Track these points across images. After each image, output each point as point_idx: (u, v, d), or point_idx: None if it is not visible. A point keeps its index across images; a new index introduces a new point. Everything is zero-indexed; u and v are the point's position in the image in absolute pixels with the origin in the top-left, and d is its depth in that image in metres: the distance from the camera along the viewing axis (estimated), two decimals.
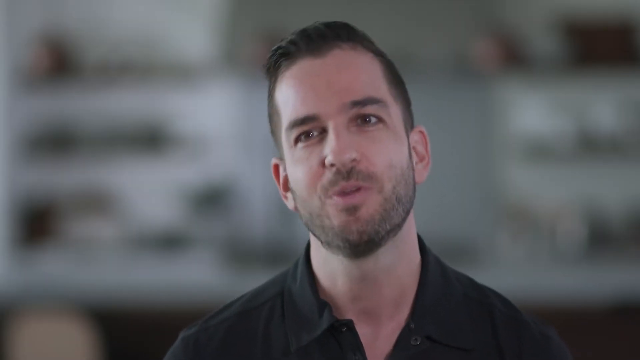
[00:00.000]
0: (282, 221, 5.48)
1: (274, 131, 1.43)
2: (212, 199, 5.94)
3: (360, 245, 1.36)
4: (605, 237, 5.59)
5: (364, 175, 1.35)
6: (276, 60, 1.40)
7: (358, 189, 1.35)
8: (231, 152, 5.95)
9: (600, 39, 5.68)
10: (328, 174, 1.36)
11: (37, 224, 5.99)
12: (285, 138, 1.39)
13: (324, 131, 1.37)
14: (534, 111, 5.79)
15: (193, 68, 5.89)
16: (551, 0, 5.81)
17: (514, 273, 4.95)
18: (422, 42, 5.59)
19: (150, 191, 6.02)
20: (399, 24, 5.60)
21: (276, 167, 1.45)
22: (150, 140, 5.93)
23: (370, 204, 1.35)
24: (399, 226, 1.38)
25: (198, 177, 5.96)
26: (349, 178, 1.35)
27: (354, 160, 1.35)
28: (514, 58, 5.66)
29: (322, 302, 1.42)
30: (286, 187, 1.43)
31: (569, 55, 5.67)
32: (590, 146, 5.67)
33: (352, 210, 1.35)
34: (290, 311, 1.44)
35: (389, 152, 1.37)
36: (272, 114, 1.42)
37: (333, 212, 1.36)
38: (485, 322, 1.45)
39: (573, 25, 5.72)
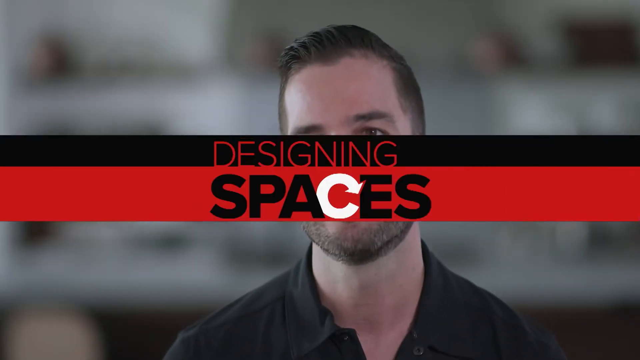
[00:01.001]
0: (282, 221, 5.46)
1: (282, 130, 1.42)
2: None
3: (355, 254, 1.35)
4: (605, 237, 5.58)
5: None
6: (287, 61, 1.39)
7: None
8: None
9: (600, 39, 5.68)
10: None
11: (37, 224, 5.99)
12: None
13: None
14: (534, 111, 5.78)
15: (193, 68, 5.88)
16: (551, 0, 5.80)
17: (514, 273, 4.94)
18: (422, 42, 5.58)
19: None
20: (399, 24, 5.59)
21: None
22: None
23: None
24: (398, 237, 1.37)
25: None
26: None
27: None
28: (514, 58, 5.65)
29: (324, 310, 1.41)
30: None
31: (569, 55, 5.66)
32: None
33: None
34: (292, 317, 1.43)
35: None
36: (281, 114, 1.41)
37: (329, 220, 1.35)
38: (485, 330, 1.44)
39: (573, 25, 5.72)
